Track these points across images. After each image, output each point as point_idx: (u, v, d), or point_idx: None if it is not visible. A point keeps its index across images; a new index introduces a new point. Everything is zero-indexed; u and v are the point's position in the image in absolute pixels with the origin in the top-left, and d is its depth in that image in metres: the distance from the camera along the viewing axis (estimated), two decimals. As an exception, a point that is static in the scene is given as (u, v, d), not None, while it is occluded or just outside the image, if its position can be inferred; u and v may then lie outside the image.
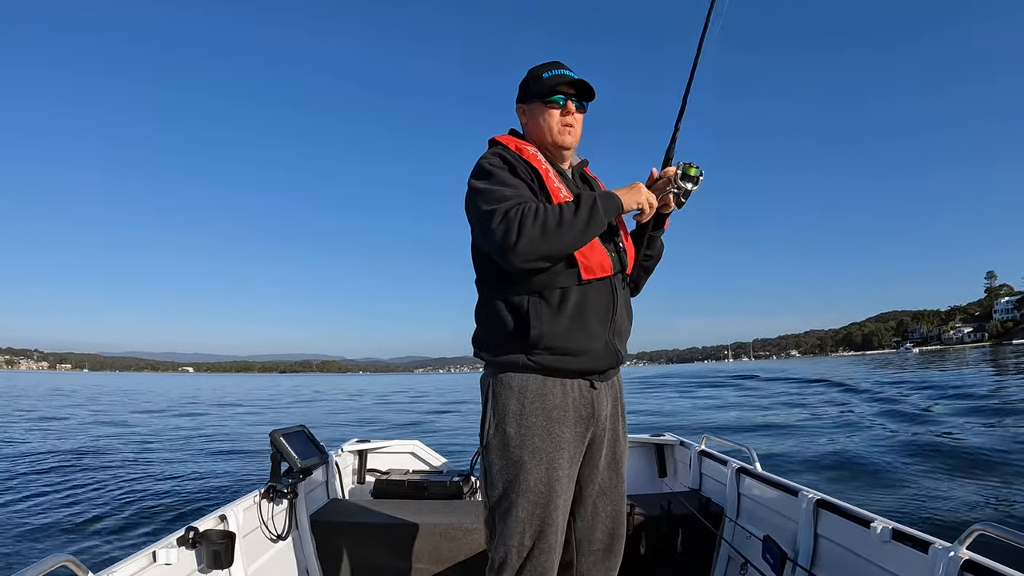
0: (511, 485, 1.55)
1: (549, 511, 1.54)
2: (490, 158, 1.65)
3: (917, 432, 10.13)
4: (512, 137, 1.76)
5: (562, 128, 1.69)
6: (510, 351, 1.58)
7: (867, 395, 18.76)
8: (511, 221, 1.46)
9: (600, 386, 1.65)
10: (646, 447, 3.74)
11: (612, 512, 1.70)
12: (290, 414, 21.48)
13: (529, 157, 1.66)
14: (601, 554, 1.70)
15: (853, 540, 2.03)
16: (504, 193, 1.53)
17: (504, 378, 1.59)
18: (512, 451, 1.55)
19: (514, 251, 1.46)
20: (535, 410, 1.55)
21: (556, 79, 1.68)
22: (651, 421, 14.37)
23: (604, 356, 1.62)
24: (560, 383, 1.58)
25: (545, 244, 1.47)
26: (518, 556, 1.54)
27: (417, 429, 14.49)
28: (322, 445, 2.97)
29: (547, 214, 1.47)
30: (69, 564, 1.45)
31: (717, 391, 26.32)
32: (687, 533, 2.77)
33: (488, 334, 1.65)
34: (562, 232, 1.47)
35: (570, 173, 1.78)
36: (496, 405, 1.58)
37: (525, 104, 1.75)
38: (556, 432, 1.56)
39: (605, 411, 1.66)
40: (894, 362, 57.06)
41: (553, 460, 1.55)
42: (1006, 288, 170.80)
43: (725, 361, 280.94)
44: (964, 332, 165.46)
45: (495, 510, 1.58)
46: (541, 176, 1.62)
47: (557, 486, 1.55)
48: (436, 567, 2.66)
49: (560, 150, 1.73)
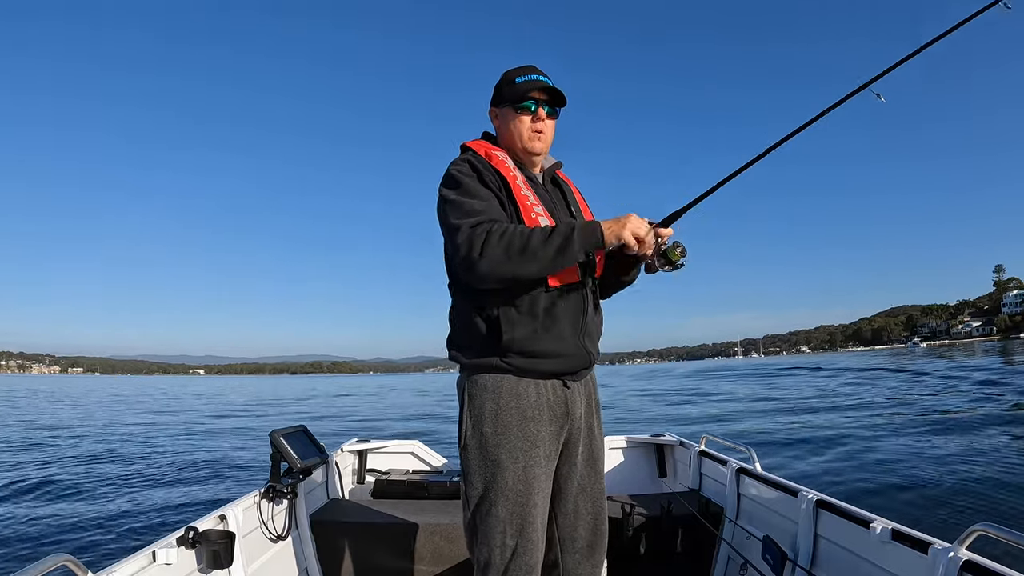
0: (490, 485, 1.56)
1: (529, 509, 1.55)
2: (459, 165, 1.64)
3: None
4: (482, 142, 1.75)
5: (532, 134, 1.69)
6: (484, 354, 1.59)
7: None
8: (475, 239, 1.46)
9: (573, 386, 1.66)
10: (646, 447, 3.73)
11: (593, 509, 1.71)
12: (290, 414, 21.55)
13: (498, 164, 1.65)
14: (585, 551, 1.70)
15: (853, 540, 2.03)
16: (473, 207, 1.53)
17: (479, 379, 1.60)
18: (490, 451, 1.56)
19: (474, 270, 1.47)
20: (510, 410, 1.57)
21: (528, 84, 1.67)
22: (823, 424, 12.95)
23: (576, 358, 1.63)
24: (534, 383, 1.59)
25: (507, 268, 1.46)
26: (501, 556, 1.54)
27: (417, 429, 14.51)
28: (322, 445, 2.97)
29: (512, 238, 1.46)
30: (69, 564, 1.45)
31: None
32: (687, 533, 2.77)
33: (462, 337, 1.66)
34: (525, 259, 1.46)
35: (540, 178, 1.77)
36: (472, 406, 1.59)
37: (497, 108, 1.75)
38: (532, 431, 1.57)
39: (579, 410, 1.67)
40: (906, 357, 56.92)
41: (530, 458, 1.56)
42: (1015, 281, 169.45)
43: (735, 358, 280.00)
44: (973, 326, 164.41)
45: (476, 511, 1.59)
46: (508, 183, 1.61)
47: (535, 483, 1.56)
48: (436, 567, 2.66)
49: (530, 155, 1.72)
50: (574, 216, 1.75)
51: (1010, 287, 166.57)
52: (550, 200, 1.72)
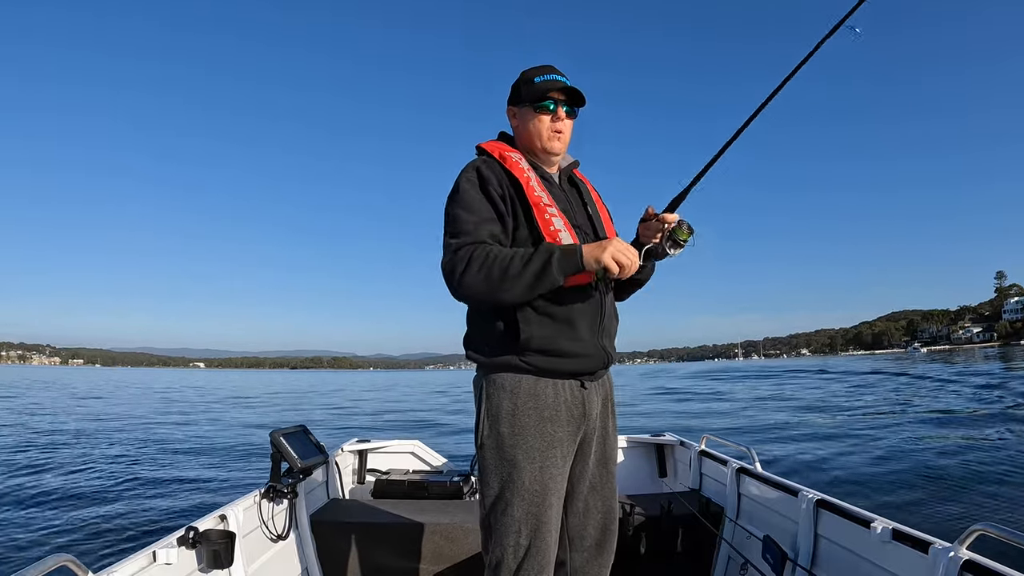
0: (506, 484, 1.56)
1: (544, 509, 1.55)
2: (468, 172, 1.65)
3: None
4: (498, 143, 1.76)
5: (552, 134, 1.70)
6: (502, 353, 1.59)
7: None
8: (458, 261, 1.50)
9: (590, 386, 1.66)
10: (646, 447, 3.73)
11: (604, 508, 1.71)
12: (291, 413, 21.54)
13: (511, 165, 1.66)
14: (594, 550, 1.71)
15: (853, 540, 2.03)
16: (464, 226, 1.55)
17: (497, 379, 1.60)
18: (506, 451, 1.56)
19: (456, 290, 1.52)
20: (528, 410, 1.57)
21: (547, 84, 1.68)
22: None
23: (594, 359, 1.64)
24: (552, 383, 1.59)
25: (485, 292, 1.50)
26: (514, 556, 1.54)
27: (417, 429, 14.50)
28: (322, 445, 2.97)
29: (494, 264, 1.48)
30: (69, 564, 1.45)
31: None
32: (687, 533, 2.77)
33: (479, 336, 1.66)
34: (504, 286, 1.48)
35: (557, 177, 1.78)
36: (490, 406, 1.60)
37: (516, 107, 1.76)
38: (549, 431, 1.57)
39: (596, 410, 1.68)
40: (906, 361, 57.06)
41: (547, 459, 1.56)
42: (1016, 288, 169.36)
43: (735, 359, 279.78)
44: (973, 332, 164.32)
45: (492, 510, 1.59)
46: (522, 185, 1.62)
47: (551, 484, 1.56)
48: (436, 567, 2.66)
49: (549, 155, 1.73)
50: (590, 215, 1.76)
51: (1011, 293, 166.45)
52: (566, 199, 1.73)
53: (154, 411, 19.88)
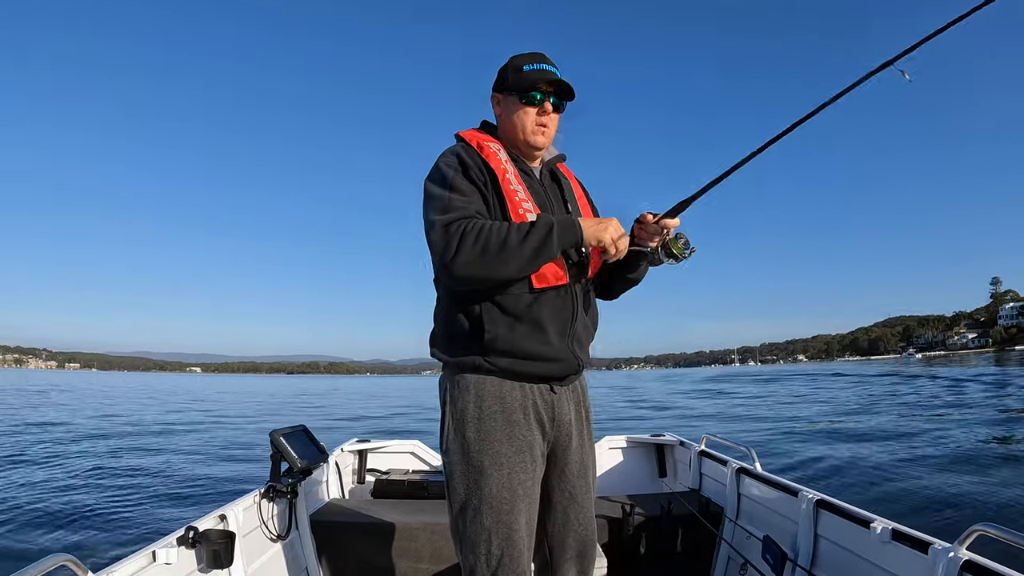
0: (473, 491, 1.49)
1: (514, 517, 1.49)
2: (447, 157, 1.57)
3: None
4: (476, 132, 1.68)
5: (536, 128, 1.61)
6: (466, 352, 1.52)
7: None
8: (451, 237, 1.41)
9: (560, 391, 1.59)
10: (646, 447, 3.73)
11: (583, 519, 1.65)
12: (292, 414, 21.48)
13: (488, 155, 1.57)
14: (575, 561, 1.66)
15: (853, 540, 2.03)
16: (451, 203, 1.46)
17: (461, 380, 1.53)
18: (472, 456, 1.49)
19: (450, 269, 1.42)
20: (494, 413, 1.50)
21: (537, 75, 1.58)
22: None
23: (563, 364, 1.56)
24: (519, 386, 1.53)
25: (483, 267, 1.40)
26: (488, 564, 1.48)
27: (417, 429, 14.47)
28: (322, 445, 2.97)
29: (490, 235, 1.40)
30: (69, 564, 1.45)
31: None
32: (687, 533, 2.77)
33: (444, 334, 1.59)
34: (504, 258, 1.40)
35: (539, 171, 1.69)
36: (454, 409, 1.53)
37: (501, 95, 1.66)
38: (516, 436, 1.50)
39: (568, 415, 1.61)
40: (902, 367, 57.36)
41: (515, 465, 1.50)
42: (1011, 294, 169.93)
43: (732, 365, 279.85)
44: (968, 338, 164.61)
45: (460, 517, 1.52)
46: (497, 177, 1.54)
47: (520, 490, 1.50)
48: (436, 567, 2.66)
49: (531, 149, 1.65)
50: (569, 212, 1.67)
51: (1007, 299, 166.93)
52: (544, 195, 1.64)
53: (154, 411, 19.83)
